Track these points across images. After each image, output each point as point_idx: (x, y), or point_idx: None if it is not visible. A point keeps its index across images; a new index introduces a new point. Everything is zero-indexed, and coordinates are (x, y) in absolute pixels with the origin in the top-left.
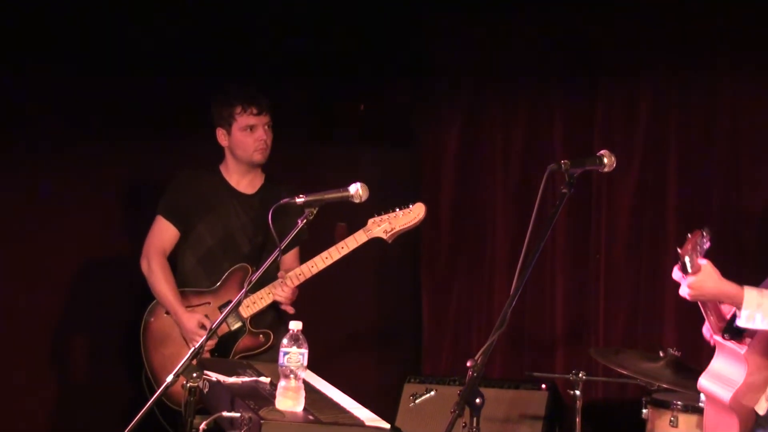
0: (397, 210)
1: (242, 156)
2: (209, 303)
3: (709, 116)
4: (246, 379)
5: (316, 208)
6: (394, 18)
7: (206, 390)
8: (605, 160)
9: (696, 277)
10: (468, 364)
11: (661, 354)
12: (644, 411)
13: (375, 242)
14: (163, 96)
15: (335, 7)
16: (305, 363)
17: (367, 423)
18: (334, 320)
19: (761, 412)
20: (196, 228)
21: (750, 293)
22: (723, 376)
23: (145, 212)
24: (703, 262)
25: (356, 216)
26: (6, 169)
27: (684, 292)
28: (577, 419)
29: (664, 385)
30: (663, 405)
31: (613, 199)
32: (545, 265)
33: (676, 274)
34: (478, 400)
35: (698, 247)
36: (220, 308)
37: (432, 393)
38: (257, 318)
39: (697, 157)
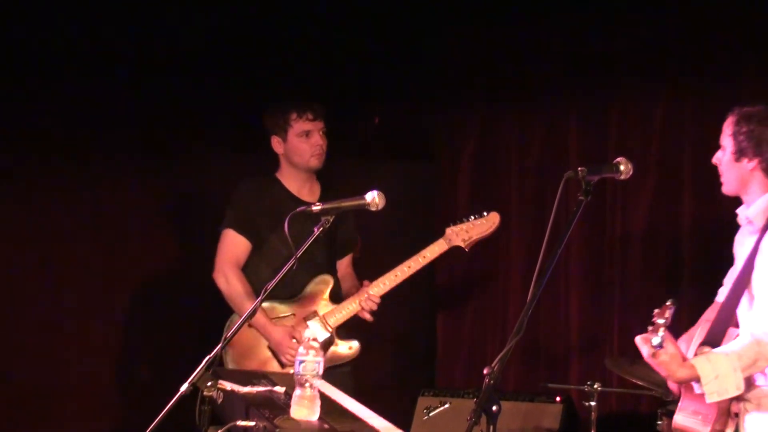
0: (472, 218)
1: (299, 162)
2: (294, 314)
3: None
4: (260, 388)
5: (333, 216)
6: (410, 31)
7: (220, 400)
8: (622, 167)
9: (665, 363)
10: (485, 371)
11: None
12: (659, 423)
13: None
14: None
15: (353, 21)
16: (321, 371)
17: (383, 431)
18: (350, 333)
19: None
20: (269, 240)
21: (703, 367)
22: (696, 411)
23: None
24: (672, 350)
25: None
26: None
27: (651, 363)
28: (592, 431)
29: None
30: None
31: (628, 209)
32: (560, 277)
33: (642, 342)
34: (494, 408)
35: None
36: (305, 319)
37: (446, 406)
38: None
39: (713, 167)
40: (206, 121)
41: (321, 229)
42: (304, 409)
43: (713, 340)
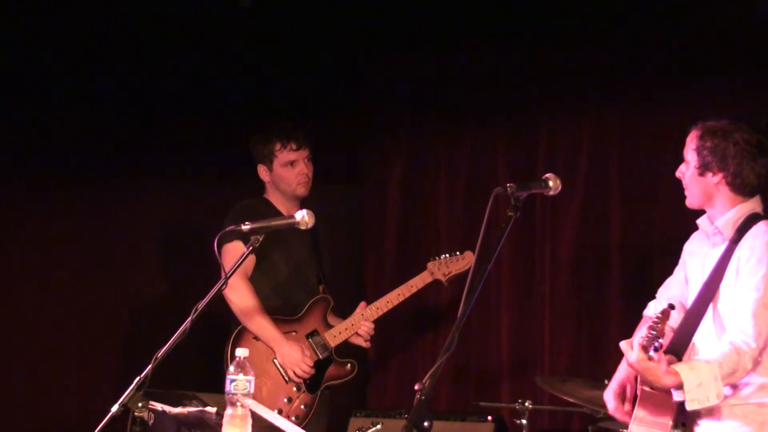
0: (447, 255)
1: (286, 190)
2: (295, 332)
3: (653, 146)
4: (192, 409)
5: (263, 235)
6: (336, 55)
7: (151, 421)
8: (551, 183)
9: (653, 368)
10: (416, 387)
11: (606, 382)
12: None
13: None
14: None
15: (279, 44)
16: (252, 390)
17: None
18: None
19: None
20: (269, 257)
21: (687, 375)
22: (652, 420)
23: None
24: (660, 357)
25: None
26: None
27: (637, 369)
28: None
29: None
30: None
31: (557, 230)
32: (491, 296)
33: (627, 348)
34: (426, 424)
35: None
36: (307, 337)
37: (378, 426)
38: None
39: (640, 187)
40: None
41: (251, 248)
42: (236, 428)
43: (676, 349)
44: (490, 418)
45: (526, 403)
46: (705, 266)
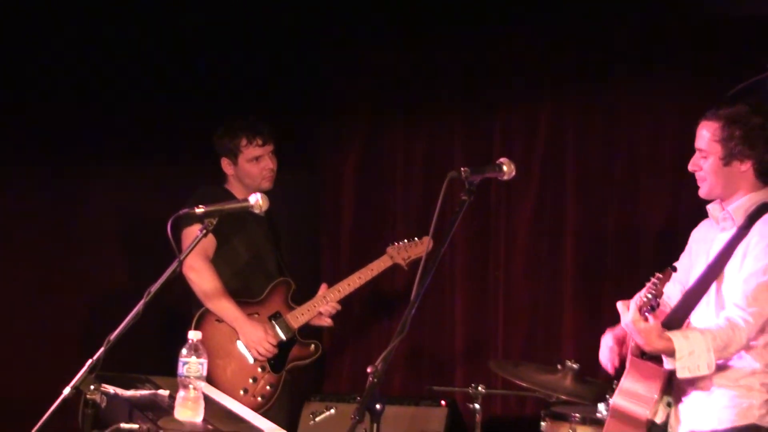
0: (406, 241)
1: (250, 184)
2: (258, 314)
3: (607, 131)
4: (144, 392)
5: (216, 218)
6: (293, 42)
7: (104, 404)
8: (504, 168)
9: (648, 330)
10: (368, 370)
11: (560, 366)
12: (543, 424)
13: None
14: None
15: (235, 31)
16: (204, 373)
17: None
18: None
19: (659, 420)
20: (230, 241)
21: (680, 342)
22: (638, 393)
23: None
24: (654, 320)
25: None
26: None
27: (631, 329)
28: None
29: (563, 397)
30: (561, 417)
31: (513, 215)
32: (445, 280)
33: (625, 308)
34: (378, 406)
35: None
36: (270, 319)
37: (332, 411)
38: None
39: (594, 172)
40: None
41: (205, 231)
42: (188, 410)
43: (672, 325)
44: (443, 402)
45: (480, 388)
46: (711, 250)
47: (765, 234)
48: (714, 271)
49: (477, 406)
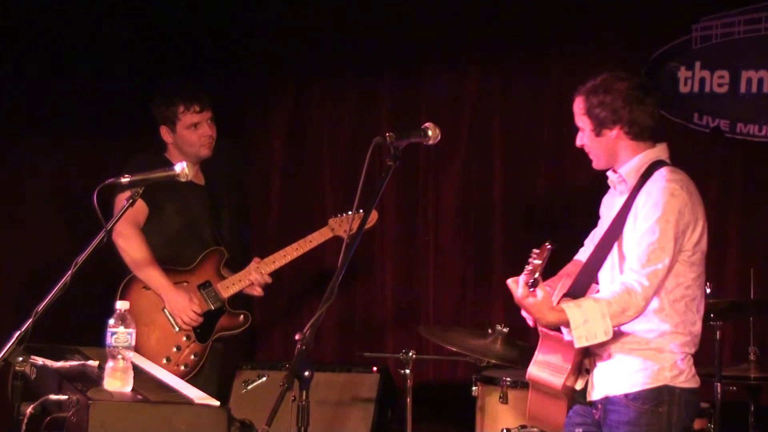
0: (349, 213)
1: (189, 152)
2: (187, 282)
3: (535, 95)
4: (74, 363)
5: (142, 188)
6: (221, 8)
7: (33, 375)
8: (429, 132)
9: (537, 304)
10: (296, 337)
11: (490, 331)
12: (474, 388)
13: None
14: None
15: None
16: (133, 343)
17: (197, 401)
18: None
19: (579, 387)
20: (163, 209)
21: (572, 312)
22: (551, 363)
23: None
24: (543, 293)
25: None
26: None
27: (523, 304)
28: (408, 399)
29: (493, 361)
30: (492, 382)
31: (441, 180)
32: (375, 247)
33: (513, 285)
34: (306, 373)
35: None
36: (199, 288)
37: (264, 379)
38: (234, 299)
39: (522, 136)
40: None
41: (131, 200)
42: (117, 381)
43: (576, 293)
44: (375, 368)
45: (410, 353)
46: (612, 215)
47: (651, 192)
48: (614, 234)
49: (407, 371)
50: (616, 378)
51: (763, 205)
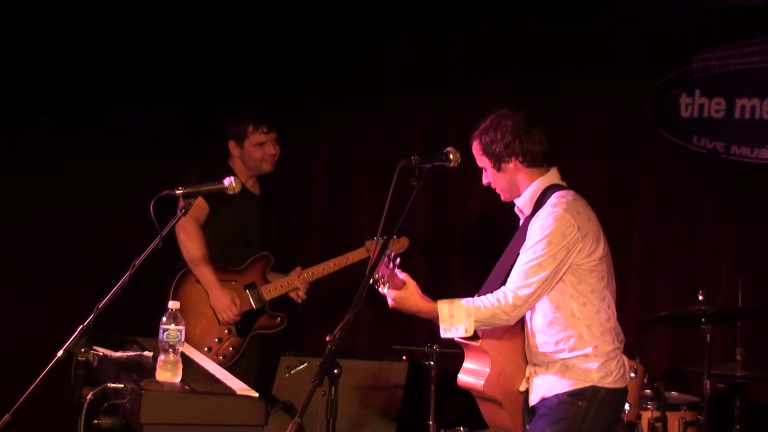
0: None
1: (253, 165)
2: (235, 281)
3: (552, 118)
4: (131, 353)
5: (194, 199)
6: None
7: (95, 363)
8: (451, 156)
9: (399, 293)
10: (327, 338)
11: None
12: None
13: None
14: None
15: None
16: (183, 339)
17: (238, 392)
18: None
19: (522, 389)
20: (219, 212)
21: (442, 307)
22: (473, 369)
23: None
24: (403, 277)
25: None
26: None
27: (395, 305)
28: (432, 387)
29: None
30: None
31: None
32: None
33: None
34: (336, 371)
35: (391, 264)
36: (245, 288)
37: (305, 365)
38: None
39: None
40: None
41: (183, 211)
42: (168, 372)
43: None
44: (404, 358)
45: (435, 347)
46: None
47: (538, 217)
48: (510, 259)
49: (432, 363)
50: (549, 381)
51: (753, 221)
